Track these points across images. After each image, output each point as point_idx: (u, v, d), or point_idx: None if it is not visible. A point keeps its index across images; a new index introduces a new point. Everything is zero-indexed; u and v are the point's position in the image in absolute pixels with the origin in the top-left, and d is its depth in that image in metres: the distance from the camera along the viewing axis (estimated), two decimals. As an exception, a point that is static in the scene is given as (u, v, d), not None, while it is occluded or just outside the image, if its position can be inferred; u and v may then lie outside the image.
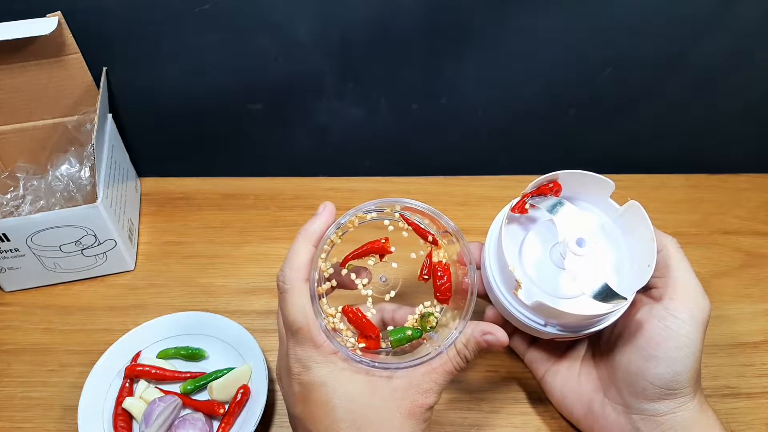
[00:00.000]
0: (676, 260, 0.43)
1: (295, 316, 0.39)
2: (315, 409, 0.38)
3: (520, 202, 0.45)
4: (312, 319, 0.39)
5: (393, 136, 0.71)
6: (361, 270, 0.43)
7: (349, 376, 0.39)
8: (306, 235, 0.41)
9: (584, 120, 0.69)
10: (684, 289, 0.42)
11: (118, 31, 0.60)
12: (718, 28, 0.60)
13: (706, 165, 0.73)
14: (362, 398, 0.38)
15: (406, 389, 0.39)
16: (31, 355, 0.58)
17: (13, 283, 0.62)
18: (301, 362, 0.39)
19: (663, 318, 0.42)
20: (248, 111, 0.67)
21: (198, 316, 0.57)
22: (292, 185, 0.73)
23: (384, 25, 0.60)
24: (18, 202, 0.66)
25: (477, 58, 0.62)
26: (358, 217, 0.42)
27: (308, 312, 0.39)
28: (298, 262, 0.40)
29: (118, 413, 0.52)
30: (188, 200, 0.72)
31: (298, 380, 0.39)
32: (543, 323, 0.43)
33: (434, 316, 0.42)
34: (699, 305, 0.42)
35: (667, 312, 0.42)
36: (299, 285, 0.39)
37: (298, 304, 0.39)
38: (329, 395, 0.38)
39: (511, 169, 0.73)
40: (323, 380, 0.38)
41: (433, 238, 0.43)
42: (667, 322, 0.41)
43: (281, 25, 0.60)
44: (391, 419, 0.38)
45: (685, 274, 0.43)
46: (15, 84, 0.61)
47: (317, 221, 0.41)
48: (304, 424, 0.39)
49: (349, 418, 0.38)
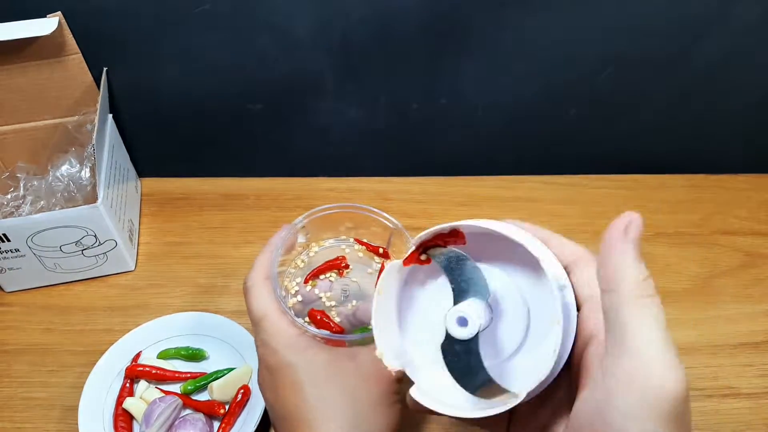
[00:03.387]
0: (631, 306, 0.25)
1: (259, 307, 0.40)
2: (283, 391, 0.39)
3: (412, 254, 0.34)
4: (274, 307, 0.40)
5: (393, 136, 0.71)
6: (323, 285, 0.46)
7: (313, 354, 0.39)
8: (268, 245, 0.44)
9: (584, 120, 0.69)
10: (637, 358, 0.24)
11: (118, 32, 0.60)
12: (718, 28, 0.60)
13: (706, 165, 0.73)
14: (328, 374, 0.39)
15: (371, 361, 0.39)
16: (32, 356, 0.58)
17: (14, 284, 0.63)
18: (266, 347, 0.40)
19: (600, 410, 0.26)
20: (248, 111, 0.67)
21: (198, 316, 0.57)
22: (292, 185, 0.73)
23: (384, 25, 0.60)
24: (18, 203, 0.66)
25: (477, 58, 0.62)
26: (318, 244, 0.46)
27: (270, 301, 0.41)
28: (259, 264, 0.43)
29: (119, 413, 0.52)
30: (188, 200, 0.72)
31: (266, 365, 0.40)
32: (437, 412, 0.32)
33: None
34: (658, 384, 0.24)
35: (607, 396, 0.25)
36: (260, 281, 0.41)
37: (261, 296, 0.41)
38: (296, 375, 0.39)
39: (511, 169, 0.73)
40: (290, 361, 0.39)
41: (383, 251, 0.46)
42: (606, 416, 0.25)
43: (281, 25, 0.60)
44: (359, 390, 0.39)
45: (642, 330, 0.25)
46: (15, 84, 0.61)
47: (278, 234, 0.44)
48: (277, 410, 0.40)
49: (317, 394, 0.38)
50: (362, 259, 0.46)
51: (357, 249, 0.46)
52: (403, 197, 0.72)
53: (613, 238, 0.26)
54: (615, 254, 0.26)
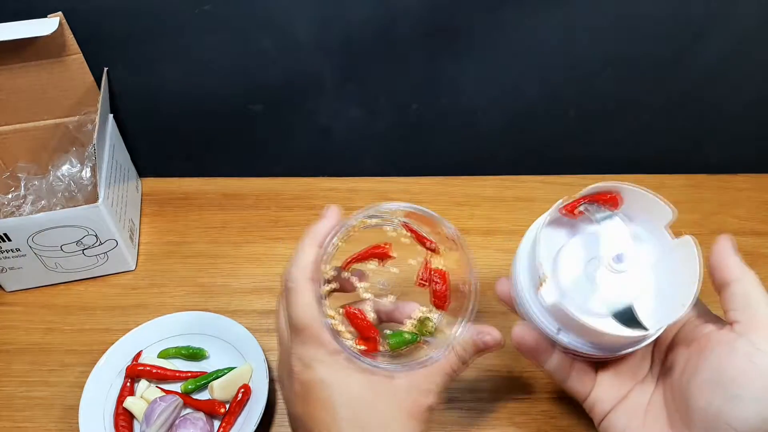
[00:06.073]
0: (758, 294, 0.39)
1: (302, 315, 0.39)
2: (316, 409, 0.38)
3: (574, 203, 0.42)
4: (317, 318, 0.39)
5: (393, 136, 0.71)
6: (361, 273, 0.43)
7: (350, 375, 0.38)
8: (312, 236, 0.41)
9: (584, 120, 0.69)
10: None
11: (118, 32, 0.60)
12: (718, 28, 0.60)
13: (706, 165, 0.73)
14: (363, 398, 0.38)
15: (407, 390, 0.39)
16: (32, 355, 0.58)
17: (15, 283, 0.63)
18: (303, 361, 0.39)
19: (749, 354, 0.36)
20: (248, 111, 0.68)
21: (199, 315, 0.58)
22: (292, 185, 0.73)
23: (384, 25, 0.60)
24: (19, 202, 0.66)
25: (477, 58, 0.63)
26: (361, 221, 0.42)
27: (314, 311, 0.39)
28: (304, 261, 0.40)
29: (119, 413, 0.52)
30: (189, 200, 0.72)
31: (300, 379, 0.39)
32: (556, 329, 0.41)
33: (432, 321, 0.43)
34: None
35: (753, 347, 0.36)
36: (305, 284, 0.39)
37: (304, 303, 0.39)
38: (331, 394, 0.38)
39: (511, 169, 0.73)
40: (325, 379, 0.38)
41: (432, 245, 0.43)
42: (755, 358, 0.36)
43: (281, 26, 0.60)
44: (392, 419, 0.38)
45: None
46: (16, 84, 0.61)
47: (323, 223, 0.41)
48: (305, 423, 0.39)
49: (350, 417, 0.38)
50: (407, 247, 0.43)
51: (403, 234, 0.43)
52: (403, 197, 0.72)
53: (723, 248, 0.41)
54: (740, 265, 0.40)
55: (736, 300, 0.39)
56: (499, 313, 0.59)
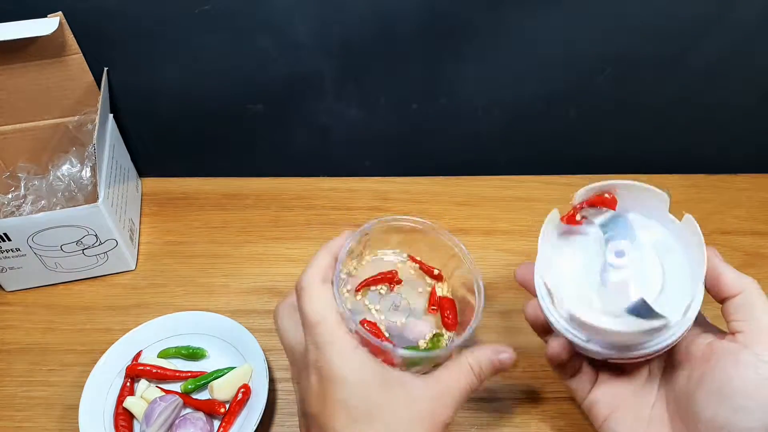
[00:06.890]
0: (761, 303, 0.39)
1: (313, 309, 0.39)
2: (332, 407, 0.37)
3: (573, 212, 0.44)
4: (332, 312, 0.39)
5: (393, 136, 0.71)
6: (372, 296, 0.45)
7: (369, 373, 0.38)
8: (327, 247, 0.42)
9: (584, 120, 0.69)
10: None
11: (118, 32, 0.61)
12: (718, 28, 0.60)
13: (706, 165, 0.73)
14: (382, 403, 0.38)
15: (428, 400, 0.39)
16: (32, 355, 0.58)
17: (14, 283, 0.63)
18: (321, 354, 0.38)
19: (753, 365, 0.37)
20: (248, 111, 0.68)
21: (199, 315, 0.58)
22: (292, 185, 0.73)
23: (384, 25, 0.60)
24: (19, 202, 0.66)
25: (477, 58, 0.63)
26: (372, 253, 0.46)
27: (328, 306, 0.39)
28: (316, 265, 0.41)
29: (119, 412, 0.52)
30: (189, 200, 0.72)
31: (318, 373, 0.38)
32: (585, 338, 0.41)
33: (444, 337, 0.44)
34: None
35: (757, 358, 0.37)
36: (317, 284, 0.40)
37: (317, 298, 0.39)
38: (350, 393, 0.37)
39: (511, 169, 0.73)
40: (344, 375, 0.37)
41: (437, 273, 0.46)
42: (760, 369, 0.37)
43: (281, 26, 0.60)
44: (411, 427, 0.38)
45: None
46: (16, 84, 0.61)
47: (338, 239, 0.43)
48: (321, 422, 0.38)
49: (366, 418, 0.37)
50: (413, 277, 0.46)
51: (410, 266, 0.46)
52: (403, 197, 0.72)
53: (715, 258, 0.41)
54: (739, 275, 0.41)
55: (739, 310, 0.39)
56: (500, 313, 0.59)
